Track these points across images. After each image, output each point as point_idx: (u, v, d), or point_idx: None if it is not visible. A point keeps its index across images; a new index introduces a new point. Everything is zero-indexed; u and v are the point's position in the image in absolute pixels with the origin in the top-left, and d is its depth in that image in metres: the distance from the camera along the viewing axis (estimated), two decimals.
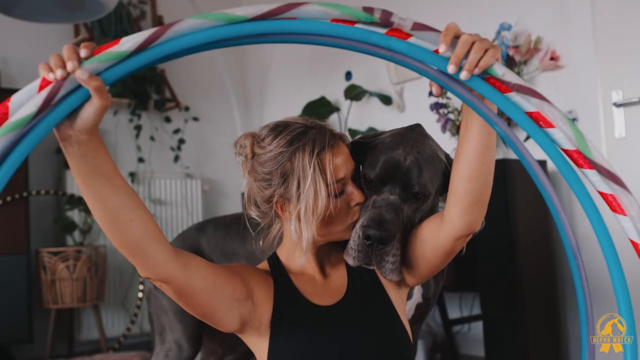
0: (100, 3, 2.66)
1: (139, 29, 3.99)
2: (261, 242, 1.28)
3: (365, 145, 1.28)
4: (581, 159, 0.88)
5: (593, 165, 0.88)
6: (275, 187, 1.15)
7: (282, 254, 1.24)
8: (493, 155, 1.04)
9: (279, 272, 1.21)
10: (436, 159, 1.23)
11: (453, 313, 3.19)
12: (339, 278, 1.23)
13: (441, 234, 1.12)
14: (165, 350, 1.72)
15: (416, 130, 1.27)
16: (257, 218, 1.24)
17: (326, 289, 1.22)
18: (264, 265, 1.24)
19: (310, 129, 1.15)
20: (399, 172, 1.19)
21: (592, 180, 0.88)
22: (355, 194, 1.18)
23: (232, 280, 1.11)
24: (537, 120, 0.88)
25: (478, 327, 3.09)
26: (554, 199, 0.87)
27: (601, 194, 0.89)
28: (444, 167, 1.25)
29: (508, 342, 2.53)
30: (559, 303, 2.81)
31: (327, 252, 1.24)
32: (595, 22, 2.72)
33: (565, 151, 0.89)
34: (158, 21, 4.18)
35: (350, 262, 1.17)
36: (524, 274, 2.54)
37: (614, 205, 0.87)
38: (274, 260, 1.24)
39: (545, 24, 2.92)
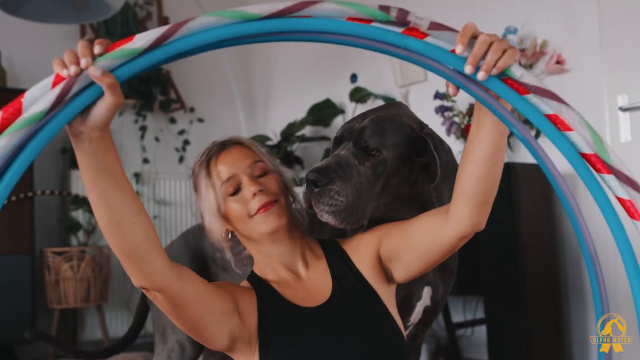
0: (106, 4, 2.66)
1: (145, 30, 3.98)
2: (240, 271, 1.32)
3: None
4: (599, 163, 0.86)
5: (611, 170, 0.86)
6: (198, 201, 1.26)
7: (257, 268, 1.26)
8: (503, 155, 1.03)
9: (259, 284, 1.22)
10: (396, 120, 1.32)
11: (456, 316, 3.18)
12: (320, 279, 1.23)
13: (445, 233, 1.11)
14: (168, 351, 1.69)
15: (392, 104, 1.38)
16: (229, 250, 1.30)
17: (308, 291, 1.21)
18: (244, 283, 1.26)
19: (214, 144, 1.27)
20: (353, 132, 1.31)
21: (611, 185, 0.87)
22: (247, 185, 1.21)
23: (220, 294, 1.12)
24: (555, 123, 0.87)
25: (481, 330, 3.08)
26: (572, 203, 0.86)
27: (619, 199, 0.87)
28: (408, 128, 1.32)
29: (511, 346, 2.52)
30: (563, 307, 2.80)
31: (299, 254, 1.24)
32: (601, 26, 2.71)
33: (584, 155, 0.87)
34: (164, 22, 4.18)
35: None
36: (528, 277, 2.53)
37: (632, 211, 0.85)
38: (252, 275, 1.26)
39: (551, 27, 2.92)
